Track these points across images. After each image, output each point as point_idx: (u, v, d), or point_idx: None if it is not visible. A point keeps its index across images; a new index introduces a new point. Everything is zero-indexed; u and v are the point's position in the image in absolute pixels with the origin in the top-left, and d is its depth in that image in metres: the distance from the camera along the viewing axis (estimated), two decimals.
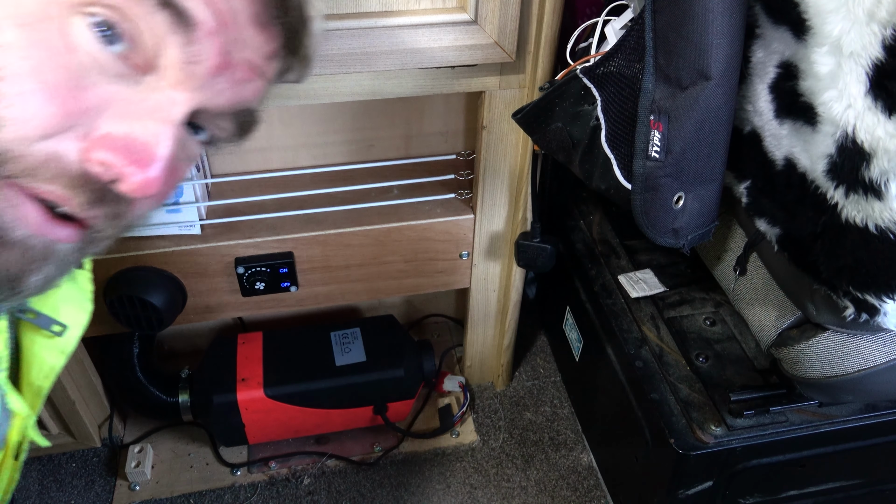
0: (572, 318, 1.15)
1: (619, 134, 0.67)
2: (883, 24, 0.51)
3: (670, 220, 0.67)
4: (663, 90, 0.63)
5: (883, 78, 0.53)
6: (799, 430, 0.85)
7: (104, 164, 0.41)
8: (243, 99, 0.47)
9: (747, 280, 0.84)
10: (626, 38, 0.66)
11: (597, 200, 1.17)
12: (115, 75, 0.40)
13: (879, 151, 0.56)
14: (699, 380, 0.89)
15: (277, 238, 0.96)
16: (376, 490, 1.12)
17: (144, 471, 1.11)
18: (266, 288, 1.00)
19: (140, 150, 0.41)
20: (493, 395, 1.28)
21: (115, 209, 0.44)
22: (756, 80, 0.66)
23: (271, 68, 0.48)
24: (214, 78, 0.44)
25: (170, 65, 0.42)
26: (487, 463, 1.17)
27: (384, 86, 0.83)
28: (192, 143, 0.48)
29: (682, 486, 0.88)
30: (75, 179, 0.41)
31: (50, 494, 1.11)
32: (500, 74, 0.86)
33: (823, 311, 0.73)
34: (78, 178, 0.41)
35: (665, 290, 1.01)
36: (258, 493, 1.11)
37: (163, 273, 0.95)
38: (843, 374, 0.75)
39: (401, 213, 1.00)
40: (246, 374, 1.06)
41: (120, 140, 0.41)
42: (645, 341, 0.94)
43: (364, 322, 1.15)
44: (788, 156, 0.67)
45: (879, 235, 0.60)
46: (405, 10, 0.77)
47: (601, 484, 1.14)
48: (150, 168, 0.41)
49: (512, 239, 1.04)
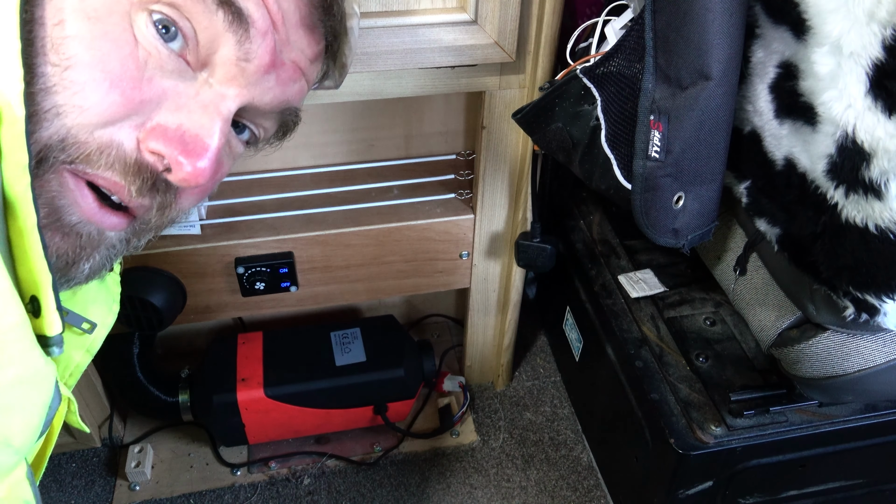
0: (572, 318, 1.15)
1: (619, 134, 0.67)
2: (883, 24, 0.51)
3: (670, 220, 0.67)
4: (663, 90, 0.63)
5: (883, 78, 0.53)
6: (799, 430, 0.85)
7: (157, 154, 0.43)
8: (288, 99, 0.49)
9: (747, 280, 0.84)
10: (626, 38, 0.66)
11: (597, 200, 1.17)
12: (171, 71, 0.43)
13: (879, 151, 0.56)
14: (699, 380, 0.89)
15: (277, 238, 0.96)
16: (376, 490, 1.12)
17: (144, 471, 1.11)
18: (266, 288, 1.00)
19: (192, 141, 0.43)
20: (493, 395, 1.28)
21: (164, 200, 0.46)
22: (756, 80, 0.66)
23: (314, 71, 0.51)
24: (264, 76, 0.46)
25: (223, 61, 0.44)
26: (487, 463, 1.17)
27: (384, 86, 0.83)
28: (236, 141, 0.50)
29: (682, 486, 0.88)
30: (131, 167, 0.43)
31: (50, 494, 1.11)
32: (500, 74, 0.86)
33: (823, 311, 0.73)
34: (133, 166, 0.43)
35: (665, 290, 1.01)
36: (258, 493, 1.11)
37: (163, 273, 0.95)
38: (843, 374, 0.75)
39: (401, 213, 1.00)
40: (246, 374, 1.06)
41: (173, 131, 0.43)
42: (645, 341, 0.94)
43: (364, 322, 1.15)
44: (788, 156, 0.67)
45: (879, 235, 0.60)
46: (405, 10, 0.77)
47: (601, 484, 1.14)
48: (200, 158, 0.44)
49: (512, 239, 1.04)
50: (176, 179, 0.44)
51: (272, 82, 0.47)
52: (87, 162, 0.41)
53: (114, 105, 0.41)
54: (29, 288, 0.40)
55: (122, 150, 0.42)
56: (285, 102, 0.50)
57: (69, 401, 0.51)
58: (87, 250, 0.44)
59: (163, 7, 0.41)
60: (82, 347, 0.55)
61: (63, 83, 0.39)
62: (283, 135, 0.55)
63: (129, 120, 0.42)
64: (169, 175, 0.44)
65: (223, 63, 0.44)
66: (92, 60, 0.40)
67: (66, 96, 0.39)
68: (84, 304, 0.55)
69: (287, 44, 0.47)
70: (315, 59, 0.50)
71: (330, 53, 0.52)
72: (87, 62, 0.40)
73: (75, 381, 0.56)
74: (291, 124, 0.54)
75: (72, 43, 0.39)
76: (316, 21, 0.48)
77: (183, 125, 0.43)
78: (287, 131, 0.55)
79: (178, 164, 0.43)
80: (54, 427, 0.51)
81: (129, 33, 0.41)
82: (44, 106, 0.39)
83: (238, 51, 0.44)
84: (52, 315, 0.41)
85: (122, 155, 0.42)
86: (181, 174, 0.43)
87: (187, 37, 0.43)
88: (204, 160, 0.44)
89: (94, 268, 0.45)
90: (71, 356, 0.55)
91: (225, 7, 0.43)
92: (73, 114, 0.40)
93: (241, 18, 0.43)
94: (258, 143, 0.53)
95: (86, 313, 0.54)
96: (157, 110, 0.43)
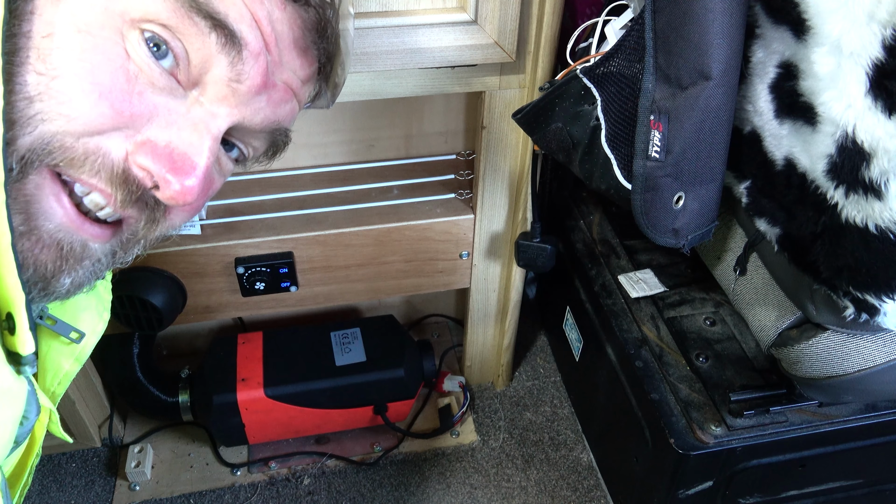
0: (572, 318, 1.15)
1: (620, 134, 0.67)
2: (883, 24, 0.51)
3: (670, 220, 0.68)
4: (663, 90, 0.63)
5: (883, 78, 0.53)
6: (799, 430, 0.85)
7: (146, 170, 0.43)
8: (278, 119, 0.49)
9: (747, 280, 0.84)
10: (626, 38, 0.66)
11: (597, 200, 1.17)
12: (162, 87, 0.43)
13: (879, 151, 0.56)
14: (699, 380, 0.89)
15: (277, 238, 0.96)
16: (376, 490, 1.12)
17: (144, 471, 1.11)
18: (266, 288, 1.00)
19: (180, 160, 0.43)
20: (493, 395, 1.28)
21: (152, 214, 0.46)
22: (756, 80, 0.66)
23: (305, 92, 0.51)
24: (255, 97, 0.46)
25: (214, 81, 0.44)
26: (487, 463, 1.17)
27: (384, 86, 0.83)
28: (225, 159, 0.50)
29: (682, 486, 0.88)
30: (117, 176, 0.42)
31: (50, 494, 1.11)
32: (500, 74, 0.86)
33: (823, 311, 0.73)
34: (119, 176, 0.43)
35: (665, 290, 1.01)
36: (258, 493, 1.11)
37: (163, 273, 0.95)
38: (843, 374, 0.75)
39: (401, 213, 1.00)
40: (246, 374, 1.06)
41: (162, 148, 0.43)
42: (645, 341, 0.94)
43: (364, 322, 1.15)
44: (788, 156, 0.67)
45: (879, 235, 0.60)
46: (405, 10, 0.77)
47: (601, 484, 1.14)
48: (188, 177, 0.43)
49: (512, 239, 1.04)
50: (164, 197, 0.44)
51: (263, 103, 0.47)
52: (71, 166, 0.41)
53: (102, 116, 0.40)
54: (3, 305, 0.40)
55: (108, 159, 0.42)
56: (276, 123, 0.49)
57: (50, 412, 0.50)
58: (69, 262, 0.43)
59: (155, 27, 0.41)
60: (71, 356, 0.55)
61: (49, 92, 0.39)
62: (272, 154, 0.55)
63: (119, 132, 0.42)
64: (157, 192, 0.44)
65: (215, 83, 0.44)
66: (81, 71, 0.39)
67: (52, 105, 0.39)
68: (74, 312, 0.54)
69: (279, 65, 0.47)
70: (307, 80, 0.50)
71: (322, 74, 0.52)
72: (76, 73, 0.39)
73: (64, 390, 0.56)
74: (281, 144, 0.54)
75: (60, 54, 0.39)
76: (309, 43, 0.48)
77: (172, 142, 0.43)
78: (277, 151, 0.55)
79: (167, 181, 0.43)
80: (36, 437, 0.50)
81: (120, 47, 0.41)
82: (27, 113, 0.39)
83: (230, 72, 0.44)
84: (25, 334, 0.41)
85: (109, 163, 0.42)
86: (169, 192, 0.43)
87: (178, 56, 0.43)
88: (192, 178, 0.43)
89: (77, 282, 0.44)
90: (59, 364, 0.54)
91: (218, 30, 0.42)
92: (58, 121, 0.39)
93: (234, 41, 0.43)
94: (246, 161, 0.53)
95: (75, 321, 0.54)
96: (148, 125, 0.42)
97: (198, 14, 0.42)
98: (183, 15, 0.42)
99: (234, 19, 0.43)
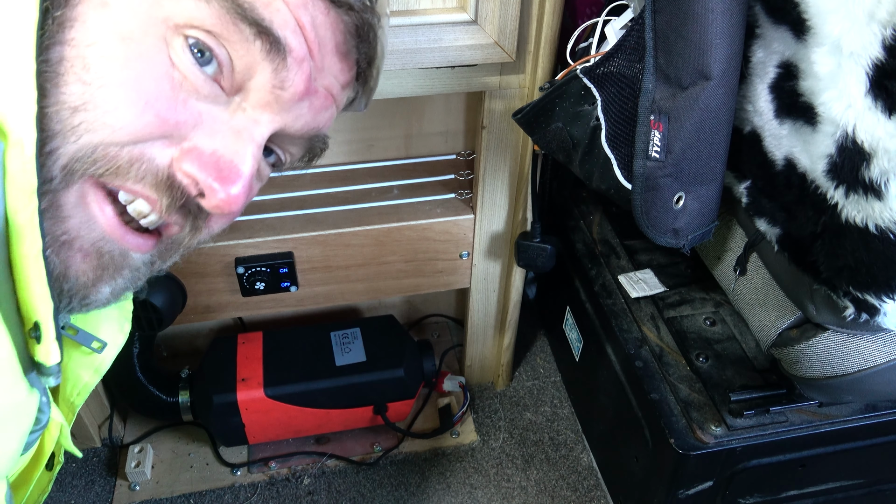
0: (572, 318, 1.15)
1: (620, 134, 0.67)
2: (883, 24, 0.51)
3: (670, 220, 0.68)
4: (663, 90, 0.63)
5: (883, 78, 0.53)
6: (799, 430, 0.85)
7: (191, 178, 0.43)
8: (318, 125, 0.49)
9: (747, 280, 0.84)
10: (626, 38, 0.66)
11: (597, 200, 1.17)
12: (206, 95, 0.42)
13: (879, 151, 0.56)
14: (699, 380, 0.89)
15: (277, 238, 0.96)
16: (376, 490, 1.12)
17: (144, 471, 1.11)
18: (266, 288, 1.00)
19: (226, 168, 0.43)
20: (493, 395, 1.28)
21: (194, 222, 0.46)
22: (756, 80, 0.66)
23: (344, 96, 0.51)
24: (297, 103, 0.46)
25: (257, 88, 0.44)
26: (487, 463, 1.17)
27: (384, 86, 0.83)
28: (264, 165, 0.50)
29: (682, 486, 0.88)
30: (162, 182, 0.42)
31: (50, 494, 1.11)
32: (500, 74, 0.86)
33: (823, 311, 0.73)
34: (164, 182, 0.42)
35: (665, 290, 1.01)
36: (258, 493, 1.11)
37: (163, 273, 0.95)
38: (843, 374, 0.75)
39: (401, 213, 1.00)
40: (246, 374, 1.06)
41: (208, 156, 0.43)
42: (645, 341, 0.94)
43: (364, 322, 1.15)
44: (788, 156, 0.67)
45: (879, 235, 0.60)
46: (405, 10, 0.77)
47: (601, 484, 1.14)
48: (233, 185, 0.43)
49: (512, 239, 1.04)
50: (209, 206, 0.43)
51: (304, 109, 0.47)
52: (116, 174, 0.41)
53: (148, 126, 0.40)
54: (30, 314, 0.39)
55: (153, 164, 0.42)
56: (315, 129, 0.49)
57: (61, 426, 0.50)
58: (108, 271, 0.43)
59: (199, 33, 0.41)
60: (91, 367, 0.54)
61: (94, 101, 0.38)
62: (309, 160, 0.54)
63: (163, 139, 0.41)
64: (202, 200, 0.43)
65: (258, 89, 0.44)
66: (126, 80, 0.39)
67: (97, 114, 0.39)
68: (96, 323, 0.54)
69: (321, 71, 0.46)
70: (346, 85, 0.50)
71: (361, 79, 0.51)
72: (121, 82, 0.39)
73: (83, 401, 0.56)
74: (318, 150, 0.54)
75: (105, 63, 0.39)
76: (350, 48, 0.48)
77: (217, 150, 0.43)
78: (314, 156, 0.54)
79: (213, 190, 0.43)
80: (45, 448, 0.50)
81: (164, 55, 0.40)
82: (71, 123, 0.38)
83: (274, 79, 0.44)
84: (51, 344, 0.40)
85: (154, 169, 0.42)
86: (215, 200, 0.43)
87: (222, 63, 0.42)
88: (237, 186, 0.43)
89: (116, 291, 0.44)
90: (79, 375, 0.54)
91: (263, 37, 0.42)
92: (103, 131, 0.39)
93: (279, 48, 0.43)
94: (283, 167, 0.53)
95: (97, 332, 0.53)
96: (193, 132, 0.42)
97: (243, 21, 0.41)
98: (228, 21, 0.41)
99: (279, 26, 0.42)
